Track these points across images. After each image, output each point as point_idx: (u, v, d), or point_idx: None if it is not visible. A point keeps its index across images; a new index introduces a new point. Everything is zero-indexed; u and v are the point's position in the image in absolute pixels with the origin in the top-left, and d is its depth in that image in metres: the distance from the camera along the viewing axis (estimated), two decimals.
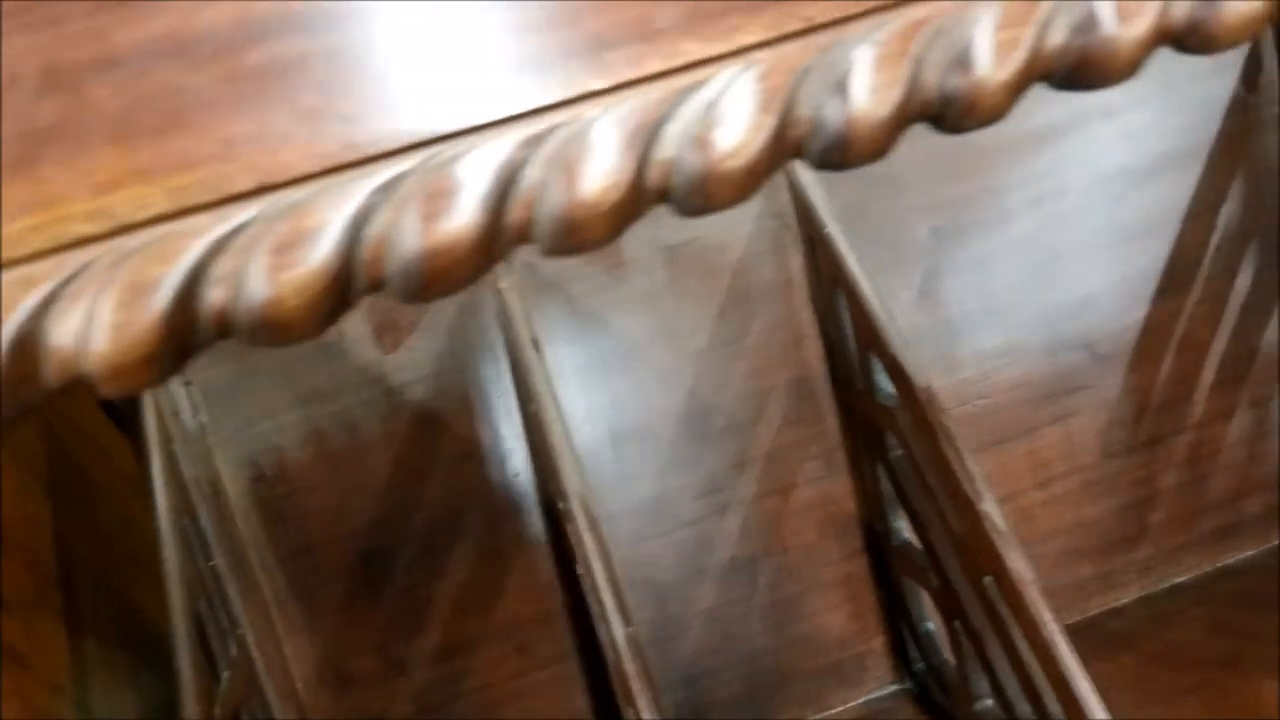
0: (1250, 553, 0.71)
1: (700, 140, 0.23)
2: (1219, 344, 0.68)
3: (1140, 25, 0.26)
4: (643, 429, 0.61)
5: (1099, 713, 0.43)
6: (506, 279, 0.56)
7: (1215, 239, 0.67)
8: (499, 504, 0.60)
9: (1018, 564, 0.47)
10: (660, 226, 0.60)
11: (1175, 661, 0.63)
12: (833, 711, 0.66)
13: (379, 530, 0.59)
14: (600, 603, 0.46)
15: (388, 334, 0.58)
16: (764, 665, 0.65)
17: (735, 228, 0.61)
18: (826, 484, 0.64)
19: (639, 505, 0.62)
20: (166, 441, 0.52)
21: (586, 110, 0.23)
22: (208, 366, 0.56)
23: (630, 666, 0.45)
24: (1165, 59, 0.72)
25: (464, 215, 0.21)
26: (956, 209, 0.63)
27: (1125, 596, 0.69)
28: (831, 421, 0.64)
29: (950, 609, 0.56)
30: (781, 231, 0.61)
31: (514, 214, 0.22)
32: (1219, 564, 0.70)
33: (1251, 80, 0.66)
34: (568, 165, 0.22)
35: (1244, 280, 0.68)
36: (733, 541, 0.64)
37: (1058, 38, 0.26)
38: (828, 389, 0.63)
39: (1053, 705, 0.46)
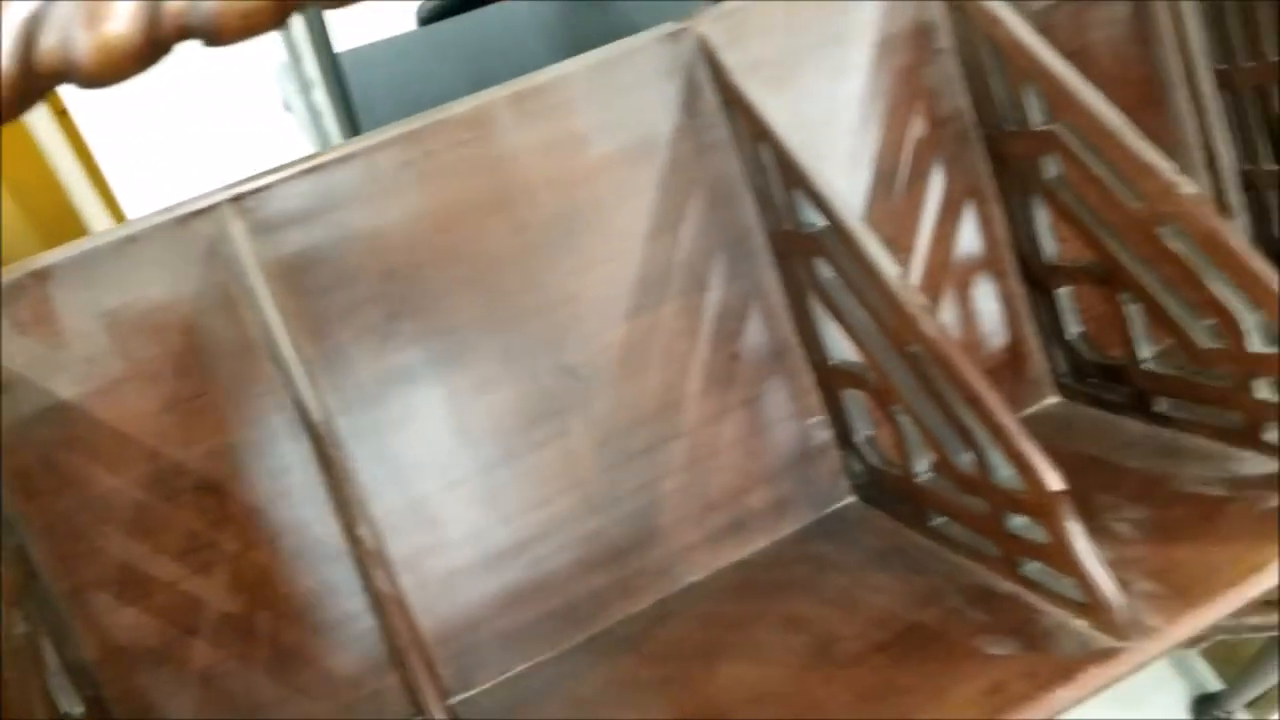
0: (762, 544, 0.75)
1: None
2: (700, 353, 0.73)
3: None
4: (100, 497, 0.61)
5: None
6: None
7: (681, 256, 0.72)
8: None
9: (383, 584, 0.49)
10: (95, 290, 0.61)
11: (662, 657, 0.67)
12: None
13: None
14: None
15: None
16: (271, 715, 0.65)
17: (179, 286, 0.62)
18: (317, 529, 0.66)
19: (111, 574, 0.62)
20: None
21: None
22: None
23: None
24: (611, 90, 0.75)
25: None
26: (412, 253, 0.66)
27: (643, 601, 0.72)
28: (312, 470, 0.65)
29: None
30: (231, 286, 0.63)
31: None
32: (733, 559, 0.74)
33: (692, 108, 0.71)
34: None
35: (715, 293, 0.73)
36: (223, 598, 0.64)
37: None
38: (304, 436, 0.65)
39: None
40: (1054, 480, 0.54)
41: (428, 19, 1.46)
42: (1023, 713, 0.52)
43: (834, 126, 0.74)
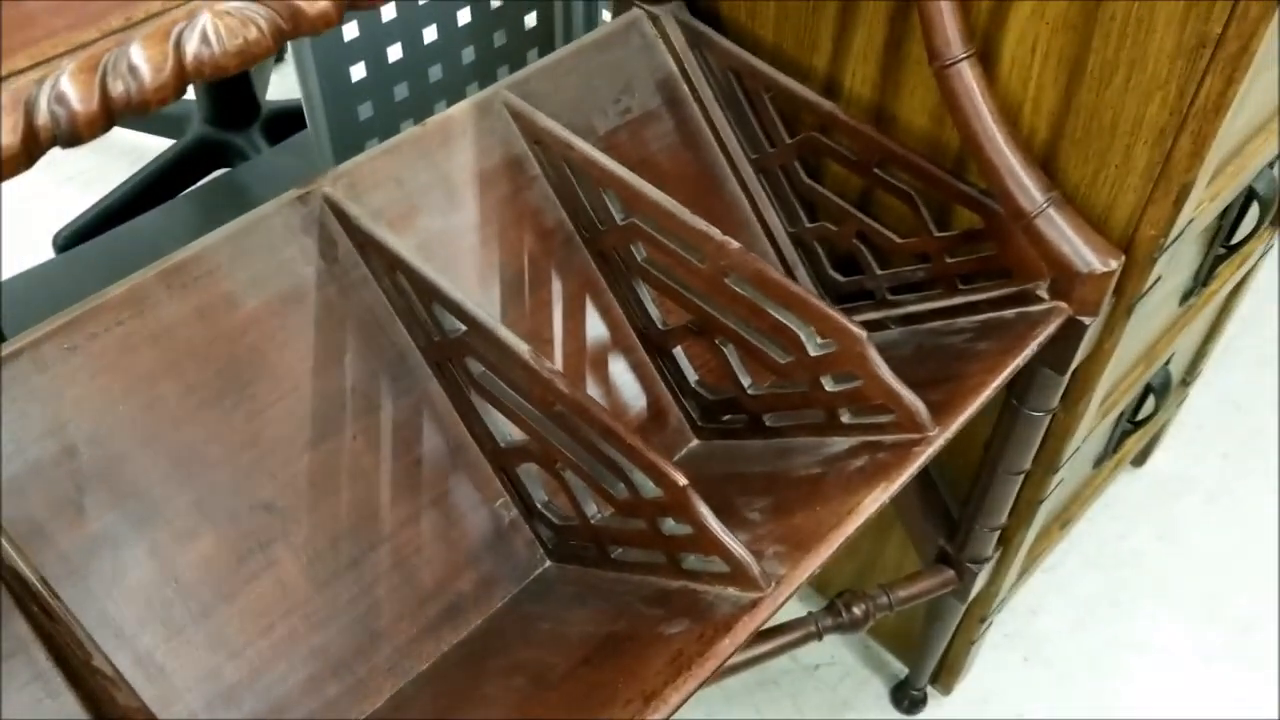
0: (478, 622, 0.83)
1: None
2: (385, 465, 0.82)
3: None
4: None
5: None
6: None
7: (350, 384, 0.81)
8: None
9: (129, 699, 0.54)
10: None
11: None
12: None
13: None
14: None
15: None
16: None
17: None
18: (52, 705, 0.68)
19: None
20: None
21: None
22: None
23: None
24: (252, 252, 0.83)
25: None
26: (91, 428, 0.71)
27: (379, 699, 0.78)
28: (36, 649, 0.67)
29: None
30: None
31: None
32: (454, 641, 0.82)
33: (330, 255, 0.82)
34: None
35: (387, 410, 0.82)
36: None
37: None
38: (20, 617, 0.67)
39: None
40: (680, 478, 0.67)
41: (65, 245, 1.48)
42: (698, 666, 0.63)
43: (457, 250, 0.87)
